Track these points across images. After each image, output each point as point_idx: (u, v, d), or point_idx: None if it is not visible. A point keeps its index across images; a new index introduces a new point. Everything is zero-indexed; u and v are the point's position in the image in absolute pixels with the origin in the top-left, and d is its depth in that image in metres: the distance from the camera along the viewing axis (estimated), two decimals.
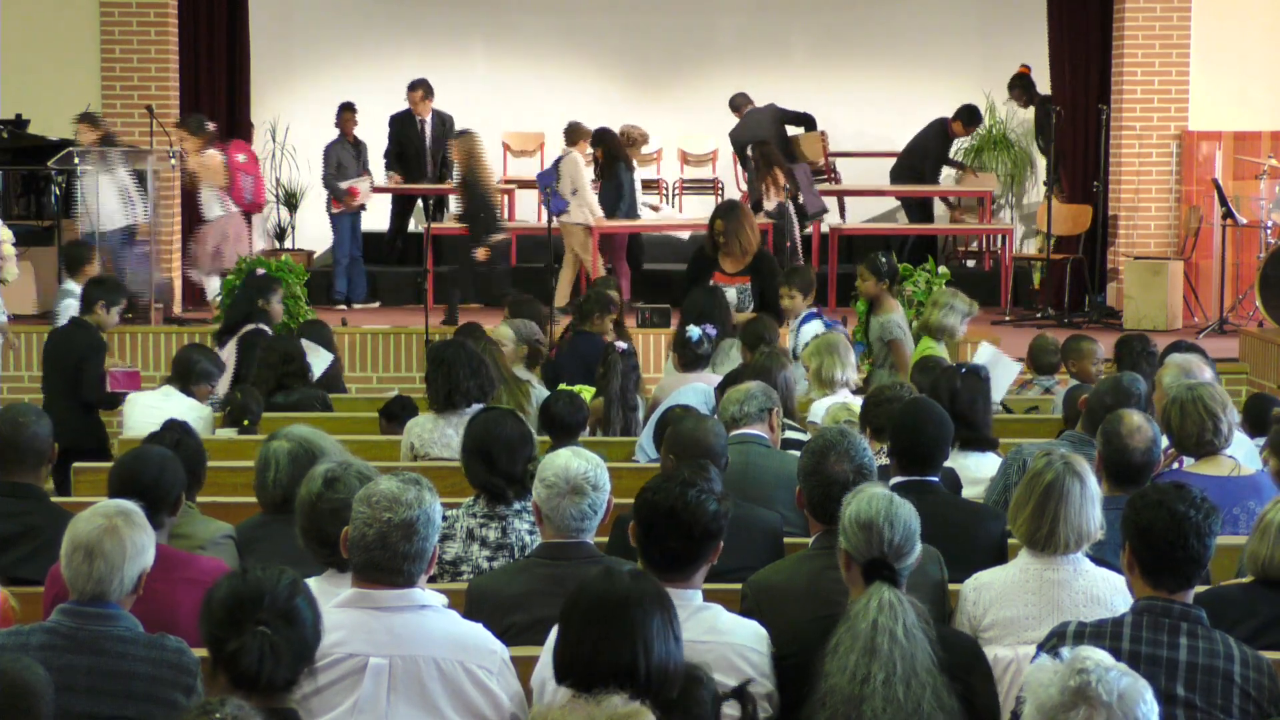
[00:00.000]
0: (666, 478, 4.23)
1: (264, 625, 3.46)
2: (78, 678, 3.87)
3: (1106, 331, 12.39)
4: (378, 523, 3.92)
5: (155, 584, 4.31)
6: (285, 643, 3.47)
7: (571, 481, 4.48)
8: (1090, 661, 3.14)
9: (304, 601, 3.57)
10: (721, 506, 4.16)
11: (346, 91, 16.40)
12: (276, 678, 3.46)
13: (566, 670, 3.53)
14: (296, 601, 3.53)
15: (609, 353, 8.20)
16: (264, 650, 3.44)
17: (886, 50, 16.80)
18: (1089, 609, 4.48)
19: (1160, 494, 4.11)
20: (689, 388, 7.68)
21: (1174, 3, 13.76)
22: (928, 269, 11.85)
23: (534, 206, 15.77)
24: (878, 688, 3.87)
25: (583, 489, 4.48)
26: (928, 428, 5.44)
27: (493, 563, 5.15)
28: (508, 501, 5.26)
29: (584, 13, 17.15)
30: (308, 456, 5.08)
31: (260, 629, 3.45)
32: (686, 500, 4.10)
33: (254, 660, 3.43)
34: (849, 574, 4.16)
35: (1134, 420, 5.39)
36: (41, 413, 5.64)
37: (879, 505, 4.14)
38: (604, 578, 3.63)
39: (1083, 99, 14.19)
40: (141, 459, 5.03)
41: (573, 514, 4.49)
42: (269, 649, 3.45)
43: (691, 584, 4.13)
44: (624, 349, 8.20)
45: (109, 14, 13.33)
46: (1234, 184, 13.52)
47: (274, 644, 3.45)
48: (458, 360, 7.07)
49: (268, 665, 3.44)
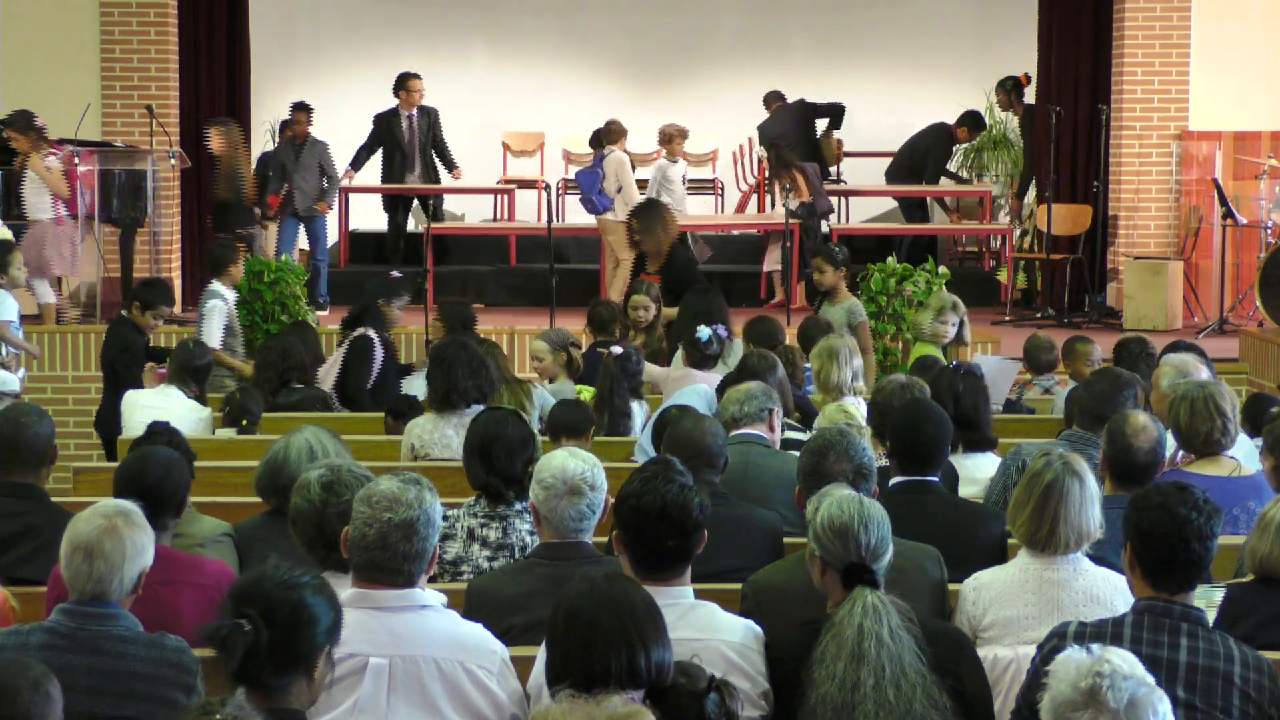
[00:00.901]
0: (646, 479, 4.17)
1: (247, 618, 3.41)
2: (78, 678, 3.86)
3: (1106, 332, 12.39)
4: (378, 523, 3.92)
5: (158, 587, 4.31)
6: (270, 638, 3.39)
7: (569, 482, 4.48)
8: (1109, 665, 3.14)
9: (315, 601, 3.46)
10: (701, 495, 4.18)
11: (347, 91, 16.43)
12: (259, 673, 3.39)
13: (561, 680, 3.52)
14: (299, 598, 3.44)
15: (605, 355, 8.21)
16: (236, 641, 3.38)
17: (886, 51, 16.82)
18: (1089, 609, 4.48)
19: (1162, 496, 4.10)
20: (691, 389, 7.68)
21: (1174, 3, 13.76)
22: (928, 269, 11.85)
23: (534, 207, 15.83)
24: (868, 693, 3.87)
25: (580, 489, 4.48)
26: (927, 428, 5.43)
27: (493, 563, 5.15)
28: (508, 502, 5.26)
29: (584, 13, 17.16)
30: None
31: (241, 621, 3.40)
32: (674, 497, 4.10)
33: (233, 655, 3.37)
34: (824, 579, 4.13)
35: (1139, 420, 5.39)
36: (43, 413, 5.64)
37: (851, 509, 4.11)
38: (583, 587, 3.62)
39: (1073, 99, 14.18)
40: (147, 460, 5.03)
41: (570, 514, 4.49)
42: (241, 639, 3.38)
43: (682, 581, 4.14)
44: (618, 352, 8.17)
45: (109, 14, 13.33)
46: (1234, 184, 13.51)
47: (251, 637, 3.39)
48: (457, 360, 7.07)
49: (237, 657, 3.37)
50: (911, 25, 16.81)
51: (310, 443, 5.32)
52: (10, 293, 9.25)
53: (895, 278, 11.40)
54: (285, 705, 3.44)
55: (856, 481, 4.84)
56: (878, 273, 11.52)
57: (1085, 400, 6.50)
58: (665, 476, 4.15)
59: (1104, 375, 6.63)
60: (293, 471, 5.15)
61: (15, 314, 9.41)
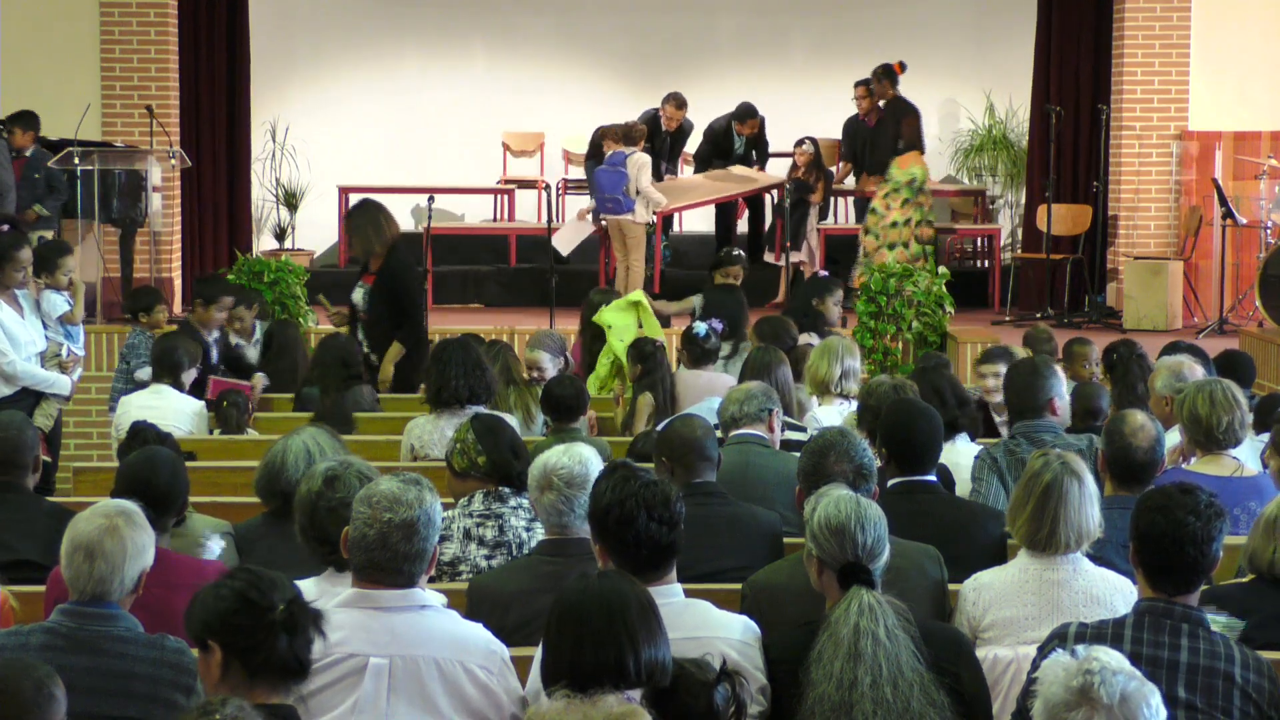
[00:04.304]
0: (616, 485, 4.15)
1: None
2: (78, 678, 3.85)
3: (1106, 332, 12.39)
4: (378, 523, 3.92)
5: (157, 589, 4.31)
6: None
7: (547, 476, 4.60)
8: (1098, 663, 3.15)
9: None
10: (675, 490, 4.20)
11: (347, 91, 16.43)
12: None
13: (555, 679, 3.52)
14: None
15: (648, 347, 8.18)
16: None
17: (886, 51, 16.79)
18: (1089, 609, 4.48)
19: (1164, 498, 4.09)
20: (705, 405, 7.53)
21: (1174, 3, 13.77)
22: (928, 269, 11.86)
23: (534, 207, 15.84)
24: (865, 691, 3.87)
25: (555, 485, 4.59)
26: (919, 425, 5.43)
27: (491, 561, 5.16)
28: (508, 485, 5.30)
29: (584, 13, 17.15)
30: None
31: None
32: (654, 493, 4.10)
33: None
34: (821, 579, 4.13)
35: (1137, 419, 5.39)
36: (27, 422, 5.68)
37: (848, 509, 4.11)
38: (578, 585, 3.63)
39: (1073, 99, 14.18)
40: (150, 462, 5.02)
41: (557, 508, 4.58)
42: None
43: (671, 579, 4.14)
44: (662, 344, 8.32)
45: (109, 14, 13.33)
46: (1234, 184, 13.52)
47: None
48: (453, 360, 7.07)
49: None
50: (911, 25, 16.79)
51: (308, 445, 5.32)
52: (60, 293, 9.16)
53: (895, 278, 11.41)
54: (284, 702, 3.47)
55: (857, 482, 4.83)
56: (877, 273, 11.53)
57: (1010, 396, 6.54)
58: (632, 478, 4.16)
59: (1021, 366, 6.65)
60: (290, 474, 5.16)
61: (66, 310, 9.33)
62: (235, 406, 8.07)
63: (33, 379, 8.34)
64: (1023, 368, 6.58)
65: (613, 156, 13.30)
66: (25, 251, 8.42)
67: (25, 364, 8.29)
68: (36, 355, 8.49)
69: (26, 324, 8.43)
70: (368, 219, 9.51)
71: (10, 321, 8.25)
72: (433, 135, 16.46)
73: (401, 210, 16.03)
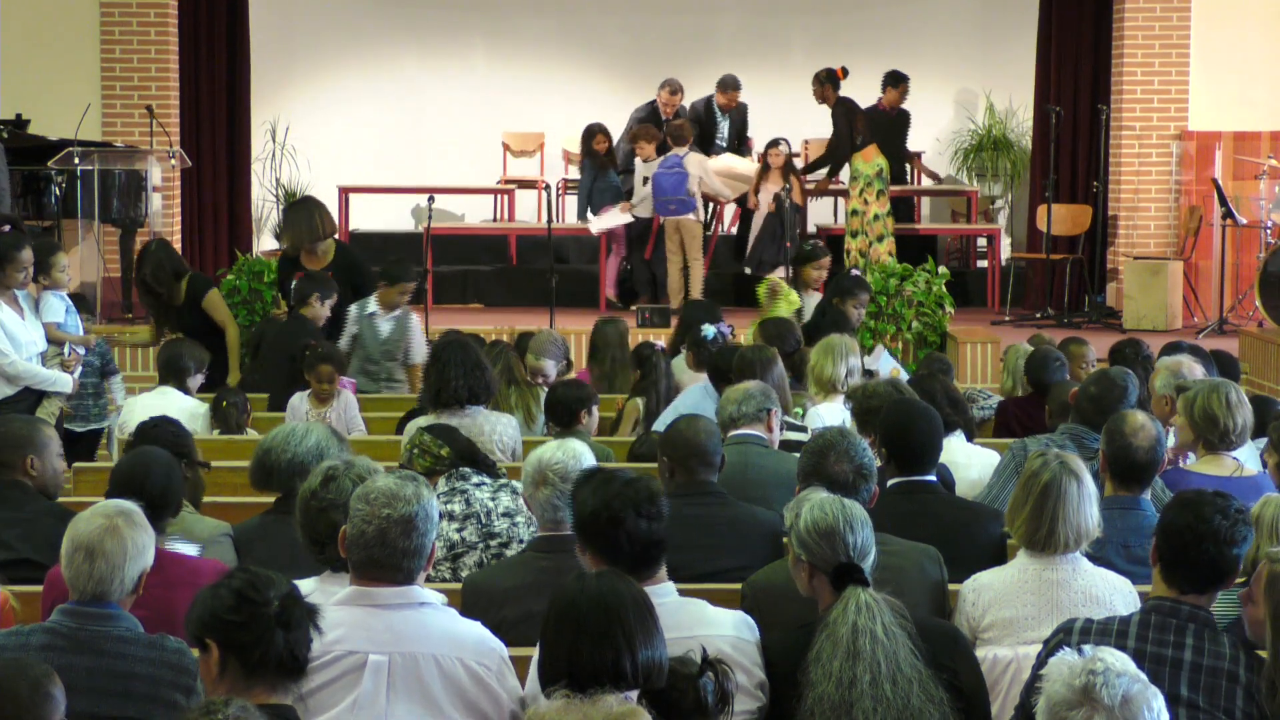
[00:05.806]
0: (598, 487, 4.15)
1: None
2: (78, 678, 3.86)
3: (1106, 332, 12.40)
4: (376, 519, 3.92)
5: (155, 589, 4.31)
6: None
7: (541, 472, 4.64)
8: (1102, 664, 3.15)
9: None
10: (657, 484, 4.22)
11: (347, 91, 16.40)
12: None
13: (553, 680, 3.52)
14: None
15: (647, 351, 8.19)
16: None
17: (886, 51, 16.79)
18: (1088, 609, 4.48)
19: (1198, 495, 4.12)
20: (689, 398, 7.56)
21: (1174, 3, 13.77)
22: (928, 269, 11.86)
23: (534, 207, 15.83)
24: (865, 689, 3.87)
25: (550, 480, 4.64)
26: (919, 424, 5.42)
27: (462, 532, 5.25)
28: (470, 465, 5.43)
29: (584, 13, 17.15)
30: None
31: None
32: (638, 492, 4.10)
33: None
34: (812, 583, 4.13)
35: (1137, 419, 5.39)
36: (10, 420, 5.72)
37: (835, 511, 4.12)
38: (574, 584, 3.63)
39: (1073, 99, 14.18)
40: (145, 461, 5.03)
41: (553, 503, 4.62)
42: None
43: (663, 577, 4.15)
44: (663, 347, 8.36)
45: (109, 14, 13.34)
46: (1234, 184, 13.52)
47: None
48: (452, 360, 7.06)
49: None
50: (911, 25, 16.80)
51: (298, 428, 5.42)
52: (56, 294, 9.17)
53: (895, 278, 11.42)
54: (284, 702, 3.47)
55: (857, 482, 4.83)
56: (877, 272, 11.53)
57: (1081, 399, 6.48)
58: (612, 479, 4.17)
59: (1101, 377, 6.61)
60: (277, 453, 5.21)
61: (62, 314, 9.32)
62: (234, 406, 8.08)
63: (34, 378, 8.34)
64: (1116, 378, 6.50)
65: (668, 159, 13.33)
66: (26, 252, 8.42)
67: (26, 364, 8.29)
68: (37, 355, 8.49)
69: (27, 324, 8.42)
70: (302, 213, 9.91)
71: (11, 322, 8.24)
72: (433, 135, 16.46)
73: (402, 210, 16.09)
